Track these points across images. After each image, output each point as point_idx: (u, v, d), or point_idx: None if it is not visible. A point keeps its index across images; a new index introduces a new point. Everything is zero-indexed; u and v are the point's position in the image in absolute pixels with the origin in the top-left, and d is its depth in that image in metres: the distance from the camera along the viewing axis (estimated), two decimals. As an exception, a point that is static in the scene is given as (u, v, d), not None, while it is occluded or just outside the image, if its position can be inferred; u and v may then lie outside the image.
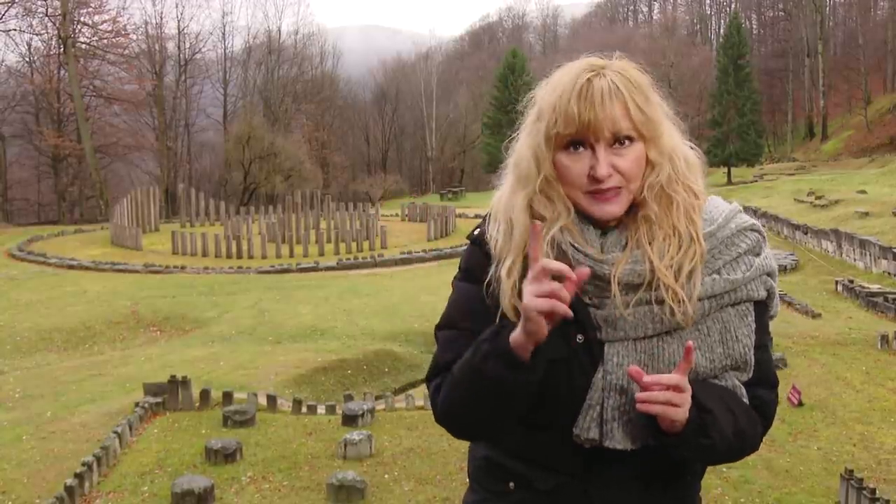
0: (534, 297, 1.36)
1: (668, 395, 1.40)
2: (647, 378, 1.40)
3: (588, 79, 1.49)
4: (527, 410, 1.50)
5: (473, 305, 1.58)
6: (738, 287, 1.52)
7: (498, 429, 1.54)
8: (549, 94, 1.53)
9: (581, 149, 1.50)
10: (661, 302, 1.48)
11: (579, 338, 1.50)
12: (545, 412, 1.52)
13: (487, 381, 1.44)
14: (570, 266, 1.40)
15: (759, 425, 1.57)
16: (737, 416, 1.51)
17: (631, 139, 1.50)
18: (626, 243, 1.52)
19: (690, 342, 1.41)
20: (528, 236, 1.46)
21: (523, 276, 1.45)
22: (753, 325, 1.54)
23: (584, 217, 1.53)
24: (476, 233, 1.65)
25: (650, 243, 1.49)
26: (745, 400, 1.54)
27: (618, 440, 1.48)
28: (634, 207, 1.53)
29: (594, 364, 1.50)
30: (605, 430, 1.48)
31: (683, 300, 1.47)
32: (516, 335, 1.40)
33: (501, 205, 1.60)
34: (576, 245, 1.50)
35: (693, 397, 1.44)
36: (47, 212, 47.69)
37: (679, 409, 1.41)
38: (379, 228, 28.10)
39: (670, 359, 1.48)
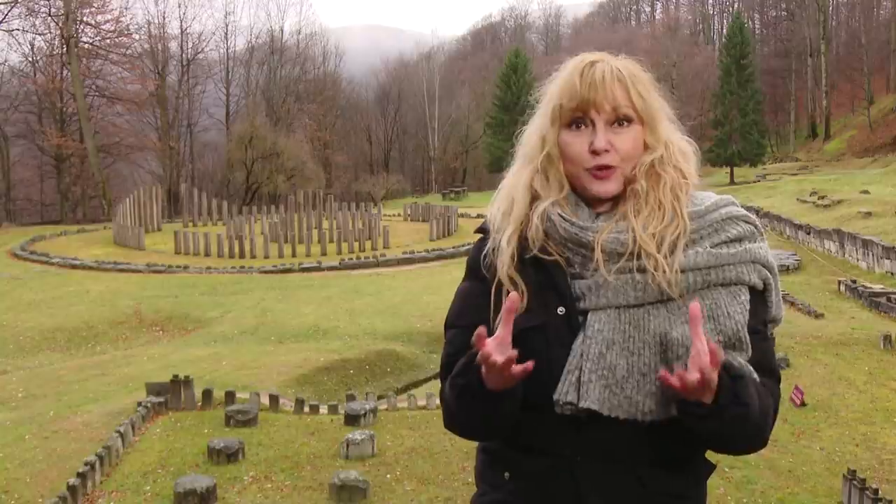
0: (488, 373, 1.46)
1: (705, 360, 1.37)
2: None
3: (591, 62, 1.60)
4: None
5: (470, 302, 1.66)
6: (726, 266, 1.53)
7: (499, 428, 1.59)
8: (555, 79, 1.64)
9: (583, 126, 1.59)
10: (643, 271, 1.51)
11: (560, 309, 1.55)
12: (524, 384, 1.51)
13: (471, 408, 1.55)
14: (558, 233, 1.55)
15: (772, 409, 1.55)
16: (759, 389, 1.50)
17: (630, 120, 1.58)
18: (615, 218, 1.58)
19: (695, 304, 1.41)
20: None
21: (519, 250, 1.58)
22: (748, 306, 1.53)
23: (580, 197, 1.61)
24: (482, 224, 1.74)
25: (636, 216, 1.55)
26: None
27: (593, 400, 1.48)
28: (626, 188, 1.59)
29: (573, 336, 1.53)
30: (582, 391, 1.49)
31: (665, 268, 1.50)
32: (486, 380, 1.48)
33: (505, 184, 1.69)
34: (563, 215, 1.58)
35: (722, 366, 1.42)
36: (50, 211, 47.67)
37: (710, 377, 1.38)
38: (381, 228, 28.08)
39: (656, 330, 1.50)
